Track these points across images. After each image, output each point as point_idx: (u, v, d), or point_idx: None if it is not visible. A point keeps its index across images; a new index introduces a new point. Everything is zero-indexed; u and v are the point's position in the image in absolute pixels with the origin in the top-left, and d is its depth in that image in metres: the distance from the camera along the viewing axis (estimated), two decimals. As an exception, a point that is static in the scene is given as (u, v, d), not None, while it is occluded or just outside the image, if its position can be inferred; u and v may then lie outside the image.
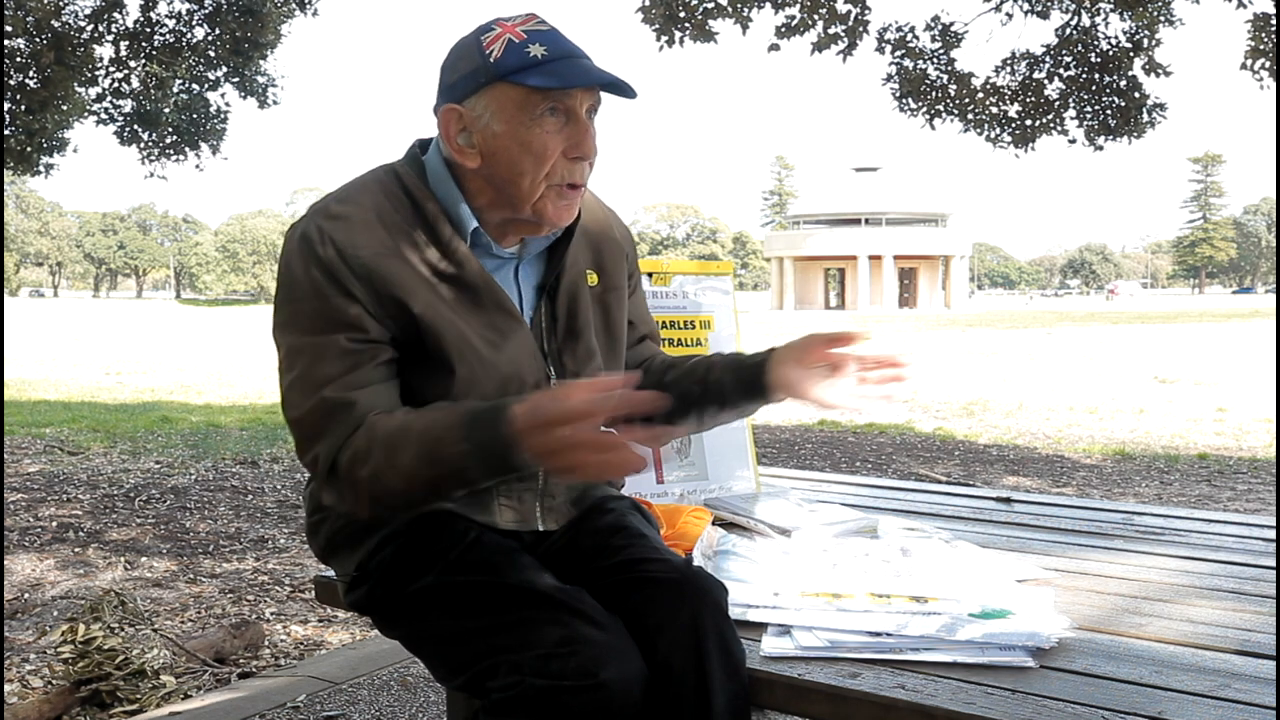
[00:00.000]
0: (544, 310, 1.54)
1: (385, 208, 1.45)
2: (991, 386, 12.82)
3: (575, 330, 1.55)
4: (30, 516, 5.11)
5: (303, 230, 1.43)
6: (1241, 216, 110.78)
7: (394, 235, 1.43)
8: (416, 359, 1.45)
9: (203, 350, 22.18)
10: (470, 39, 1.44)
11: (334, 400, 1.37)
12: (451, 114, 1.44)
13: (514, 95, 1.40)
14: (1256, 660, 1.35)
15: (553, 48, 1.40)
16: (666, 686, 1.33)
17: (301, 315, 1.41)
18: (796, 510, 2.07)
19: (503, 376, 1.47)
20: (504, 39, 1.40)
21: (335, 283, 1.39)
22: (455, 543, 1.46)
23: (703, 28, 7.85)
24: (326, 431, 1.38)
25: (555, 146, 1.42)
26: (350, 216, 1.43)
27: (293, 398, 1.42)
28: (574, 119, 1.42)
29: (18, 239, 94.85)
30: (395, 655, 3.02)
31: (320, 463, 1.39)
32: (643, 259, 1.96)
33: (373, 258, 1.41)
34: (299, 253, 1.42)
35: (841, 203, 64.31)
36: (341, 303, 1.39)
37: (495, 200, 1.47)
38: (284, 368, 1.44)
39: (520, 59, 1.38)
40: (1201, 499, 5.73)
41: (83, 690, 2.70)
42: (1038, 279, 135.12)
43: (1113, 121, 8.56)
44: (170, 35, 9.48)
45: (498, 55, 1.39)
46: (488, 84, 1.40)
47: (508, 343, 1.48)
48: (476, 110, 1.42)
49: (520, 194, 1.44)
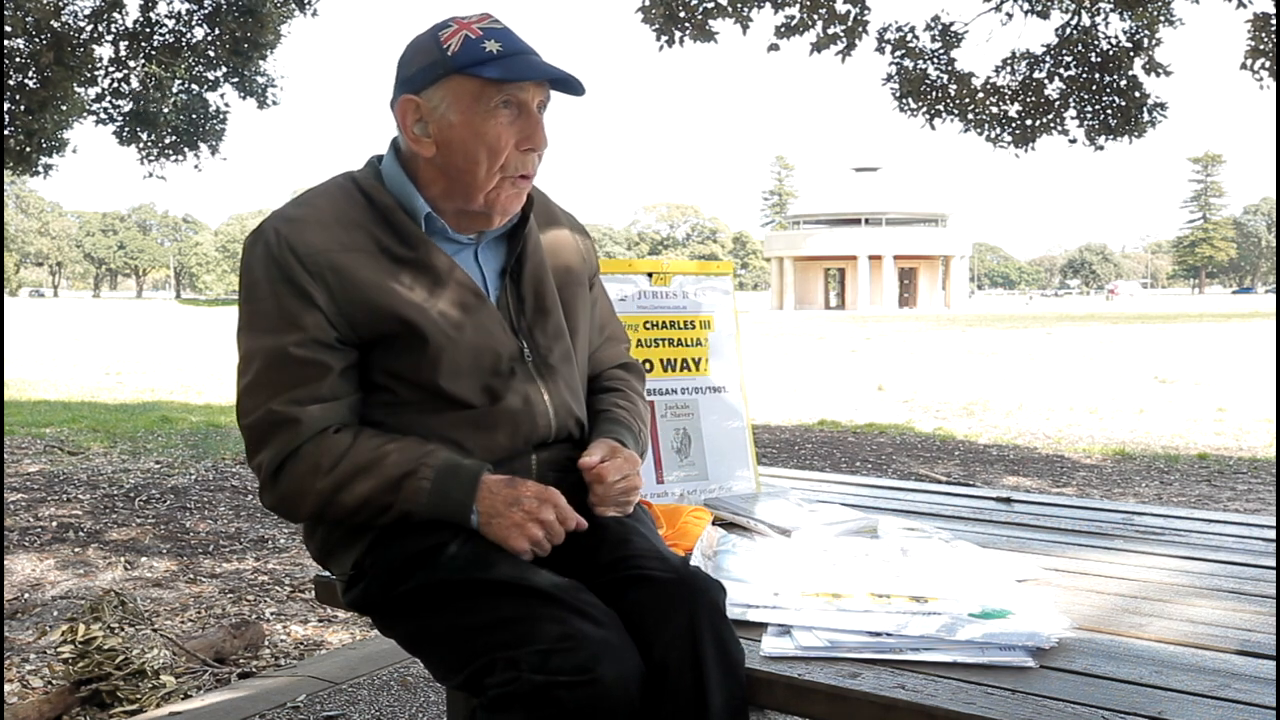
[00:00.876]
0: (509, 291, 1.59)
1: (342, 207, 1.50)
2: (991, 386, 12.82)
3: (544, 309, 1.60)
4: (30, 516, 5.11)
5: (261, 234, 1.49)
6: (1241, 216, 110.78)
7: (350, 231, 1.48)
8: (388, 343, 1.49)
9: (203, 350, 22.18)
10: (427, 35, 1.51)
11: (280, 414, 1.45)
12: (409, 104, 1.50)
13: (470, 87, 1.46)
14: (1256, 660, 1.35)
15: (507, 44, 1.47)
16: (663, 686, 1.34)
17: (257, 316, 1.47)
18: (796, 510, 2.07)
19: (474, 348, 1.51)
20: (461, 35, 1.47)
21: (291, 284, 1.44)
22: (451, 539, 1.47)
23: (703, 28, 7.85)
24: (270, 441, 1.46)
25: (508, 138, 1.48)
26: (306, 219, 1.48)
27: (244, 403, 1.49)
28: (526, 112, 1.49)
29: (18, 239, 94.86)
30: (395, 655, 3.02)
31: (263, 470, 1.48)
32: (643, 259, 1.97)
33: (329, 255, 1.45)
34: (257, 256, 1.48)
35: (841, 203, 64.30)
36: (296, 305, 1.44)
37: (448, 190, 1.52)
38: (240, 371, 1.50)
39: (476, 54, 1.45)
40: (1201, 499, 5.73)
41: (83, 690, 2.70)
42: (1038, 279, 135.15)
43: (1113, 121, 8.56)
44: (170, 35, 9.48)
45: (455, 50, 1.46)
46: (445, 76, 1.47)
47: (474, 317, 1.52)
48: (433, 101, 1.48)
49: (475, 183, 1.50)
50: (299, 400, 1.45)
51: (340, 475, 1.44)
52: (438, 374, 1.48)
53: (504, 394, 1.53)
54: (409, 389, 1.50)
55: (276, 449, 1.46)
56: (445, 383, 1.49)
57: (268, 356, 1.46)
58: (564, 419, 1.60)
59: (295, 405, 1.45)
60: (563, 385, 1.60)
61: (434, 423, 1.50)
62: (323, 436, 1.45)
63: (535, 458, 1.58)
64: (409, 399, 1.51)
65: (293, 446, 1.45)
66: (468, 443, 1.51)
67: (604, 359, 1.78)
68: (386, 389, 1.52)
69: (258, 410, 1.46)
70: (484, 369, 1.52)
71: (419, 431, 1.50)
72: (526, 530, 1.44)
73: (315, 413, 1.45)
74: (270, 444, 1.46)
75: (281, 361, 1.45)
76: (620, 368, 1.80)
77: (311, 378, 1.46)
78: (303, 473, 1.45)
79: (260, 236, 1.49)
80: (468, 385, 1.51)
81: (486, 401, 1.52)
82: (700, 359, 2.33)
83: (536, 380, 1.57)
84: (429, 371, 1.48)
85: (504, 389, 1.53)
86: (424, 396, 1.50)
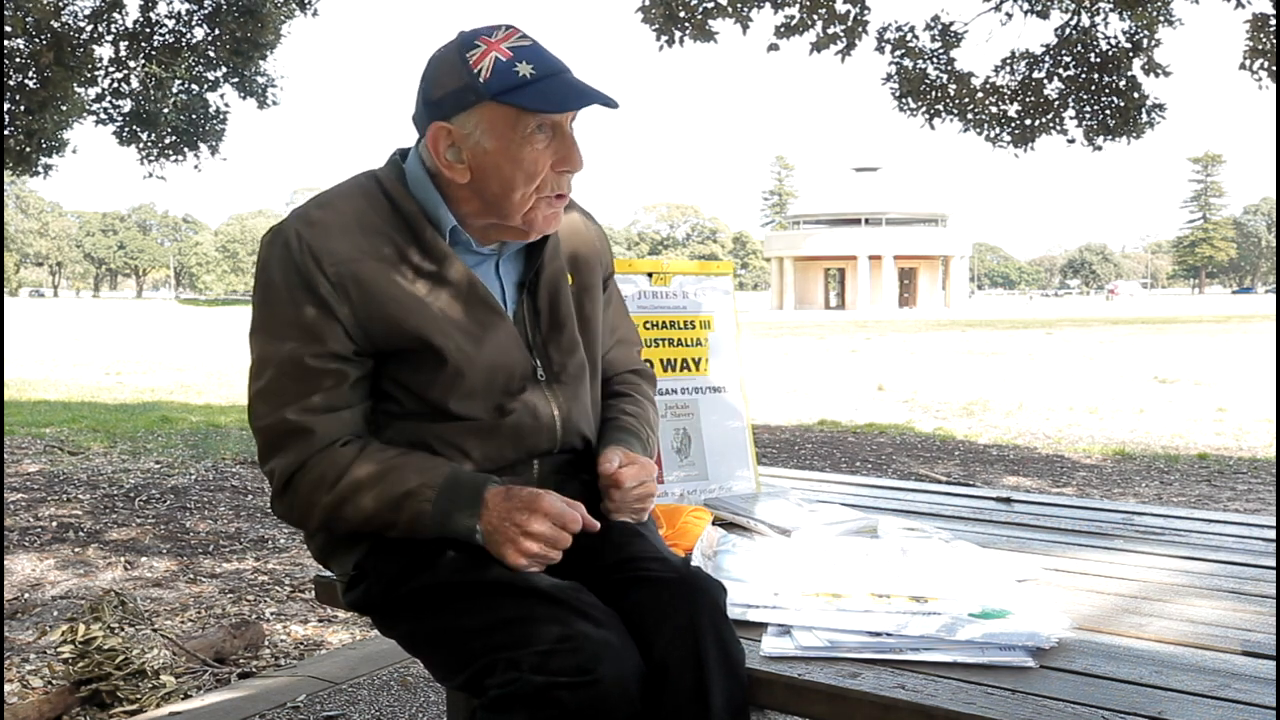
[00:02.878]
0: (526, 305, 1.57)
1: (365, 211, 1.48)
2: (991, 386, 12.82)
3: (558, 323, 1.58)
4: (30, 516, 5.11)
5: (282, 235, 1.46)
6: (1241, 216, 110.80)
7: (372, 238, 1.46)
8: (403, 356, 1.47)
9: (203, 350, 22.18)
10: (453, 55, 1.45)
11: (295, 423, 1.44)
12: (440, 131, 1.46)
13: (505, 115, 1.43)
14: (1256, 660, 1.35)
15: (539, 65, 1.43)
16: (664, 686, 1.33)
17: (274, 321, 1.45)
18: (796, 510, 2.07)
19: (489, 367, 1.49)
20: (491, 57, 1.43)
21: (310, 291, 1.42)
22: (453, 540, 1.47)
23: (703, 28, 7.84)
24: (284, 450, 1.45)
25: (545, 162, 1.46)
26: (328, 222, 1.46)
27: (258, 408, 1.48)
28: (560, 134, 1.47)
29: (18, 239, 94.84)
30: (395, 655, 3.02)
31: (275, 478, 1.47)
32: (643, 259, 1.97)
33: (350, 263, 1.43)
34: (276, 258, 1.45)
35: (841, 203, 64.31)
36: (314, 314, 1.43)
37: (482, 210, 1.50)
38: (253, 374, 1.49)
39: (509, 79, 1.41)
40: (1201, 499, 5.73)
41: (83, 690, 2.70)
42: (1038, 279, 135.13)
43: (1112, 122, 8.56)
44: (170, 35, 9.47)
45: (487, 75, 1.42)
46: (477, 103, 1.43)
47: (492, 335, 1.51)
48: (466, 128, 1.45)
49: (511, 207, 1.48)
50: (313, 409, 1.44)
51: (343, 491, 1.43)
52: (450, 395, 1.48)
53: (512, 409, 1.52)
54: (416, 402, 1.50)
55: (289, 459, 1.45)
56: (455, 404, 1.48)
57: (284, 364, 1.44)
58: (570, 433, 1.59)
59: (309, 414, 1.44)
60: (574, 399, 1.59)
61: (438, 430, 1.50)
62: (330, 450, 1.44)
63: (537, 464, 1.57)
64: (414, 410, 1.50)
65: (304, 458, 1.44)
66: (471, 451, 1.51)
67: (614, 362, 1.76)
68: (393, 398, 1.51)
69: (271, 416, 1.45)
70: (496, 388, 1.51)
71: (421, 436, 1.50)
72: (520, 546, 1.41)
73: (328, 422, 1.45)
74: (283, 452, 1.45)
75: (298, 371, 1.44)
76: (632, 372, 1.78)
77: (327, 387, 1.44)
78: (310, 486, 1.45)
79: (280, 237, 1.46)
80: (478, 405, 1.50)
81: (494, 416, 1.51)
82: (700, 359, 2.33)
83: (547, 395, 1.56)
84: (441, 391, 1.47)
85: (513, 404, 1.52)
86: (431, 410, 1.49)
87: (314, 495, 1.44)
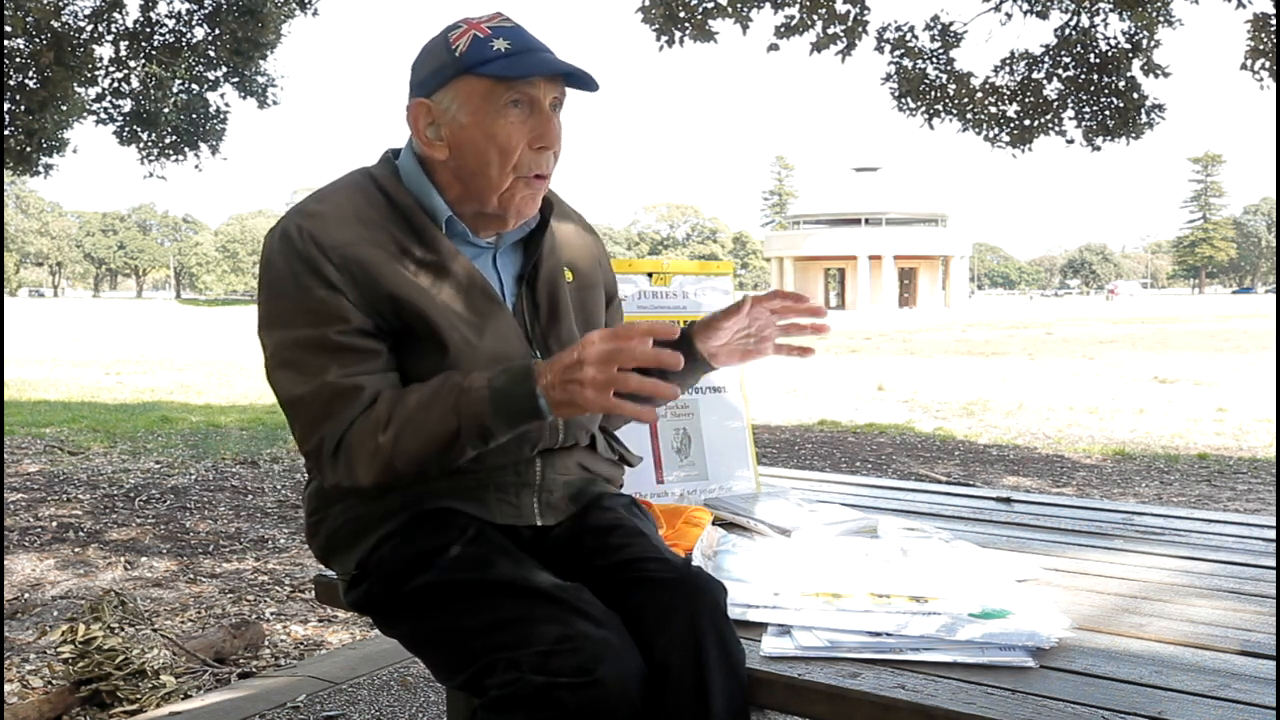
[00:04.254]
0: (524, 298, 1.57)
1: (361, 204, 1.48)
2: (991, 386, 12.82)
3: (557, 315, 1.59)
4: (30, 516, 5.11)
5: (282, 229, 1.46)
6: (1241, 216, 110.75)
7: (371, 229, 1.46)
8: (408, 344, 1.47)
9: (203, 350, 22.17)
10: (438, 38, 1.49)
11: (339, 385, 1.41)
12: (420, 108, 1.48)
13: (479, 87, 1.44)
14: (1256, 660, 1.35)
15: (516, 42, 1.44)
16: (665, 686, 1.33)
17: (289, 312, 1.44)
18: (796, 510, 2.07)
19: (491, 357, 1.49)
20: (470, 35, 1.45)
21: (317, 275, 1.42)
22: (454, 540, 1.47)
23: (703, 28, 7.85)
24: (331, 415, 1.41)
25: (519, 137, 1.46)
26: (327, 214, 1.46)
27: (291, 386, 1.44)
28: (537, 110, 1.47)
29: (18, 239, 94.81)
30: (395, 655, 3.02)
31: (326, 444, 1.42)
32: (642, 259, 1.97)
33: (352, 247, 1.43)
34: (279, 251, 1.45)
35: (841, 203, 64.29)
36: (326, 295, 1.42)
37: (464, 194, 1.51)
38: (274, 362, 1.46)
39: (484, 53, 1.43)
40: (1201, 499, 5.73)
41: (83, 690, 2.70)
42: (1038, 279, 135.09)
43: (1111, 122, 8.56)
44: (170, 35, 9.47)
45: (463, 50, 1.44)
46: (454, 77, 1.45)
47: (492, 325, 1.51)
48: (444, 103, 1.47)
49: (488, 185, 1.48)
50: (353, 372, 1.41)
51: (400, 422, 1.39)
52: None
53: None
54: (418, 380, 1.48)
55: (338, 422, 1.40)
56: None
57: (307, 344, 1.42)
58: (573, 429, 1.59)
59: (351, 376, 1.40)
60: None
61: None
62: (376, 403, 1.41)
63: (540, 461, 1.57)
64: None
65: (354, 415, 1.40)
66: None
67: None
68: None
69: (311, 383, 1.41)
70: None
71: None
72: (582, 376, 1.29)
73: (373, 381, 1.42)
74: (331, 417, 1.41)
75: (327, 345, 1.41)
76: None
77: (363, 358, 1.42)
78: (365, 434, 1.40)
79: (281, 232, 1.46)
80: None
81: None
82: (700, 359, 2.33)
83: None
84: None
85: None
86: None
87: (371, 441, 1.39)
